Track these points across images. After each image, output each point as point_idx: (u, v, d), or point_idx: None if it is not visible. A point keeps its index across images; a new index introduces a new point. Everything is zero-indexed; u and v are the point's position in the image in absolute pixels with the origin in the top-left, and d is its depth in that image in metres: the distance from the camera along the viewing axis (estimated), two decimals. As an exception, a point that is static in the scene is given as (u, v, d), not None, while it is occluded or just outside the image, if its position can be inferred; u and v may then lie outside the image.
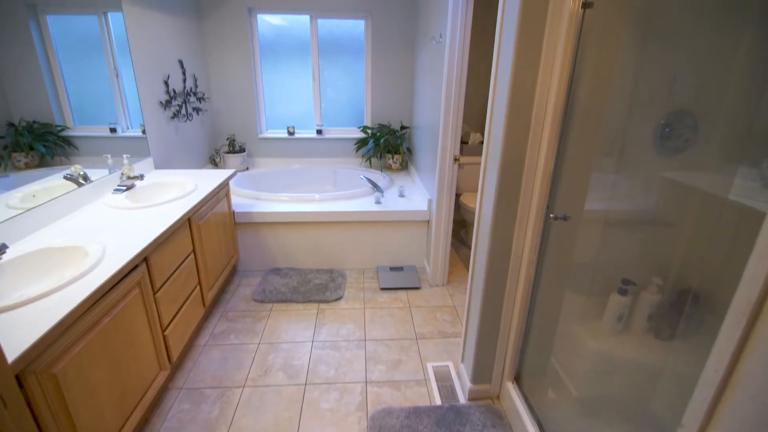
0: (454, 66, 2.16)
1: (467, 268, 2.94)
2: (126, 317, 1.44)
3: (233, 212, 2.66)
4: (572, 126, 1.35)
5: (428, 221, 2.78)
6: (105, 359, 1.32)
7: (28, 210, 1.59)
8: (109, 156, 2.14)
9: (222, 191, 2.43)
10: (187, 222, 1.94)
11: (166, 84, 2.75)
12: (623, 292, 1.29)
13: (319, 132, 3.72)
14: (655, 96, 1.21)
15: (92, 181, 1.97)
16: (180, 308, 1.87)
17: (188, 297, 1.96)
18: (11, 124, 1.58)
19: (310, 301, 2.51)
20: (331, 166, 3.75)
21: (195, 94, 3.19)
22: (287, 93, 3.67)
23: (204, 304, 2.17)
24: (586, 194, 1.43)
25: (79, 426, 1.20)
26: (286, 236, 2.79)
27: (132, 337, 1.48)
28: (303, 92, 3.65)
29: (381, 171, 3.62)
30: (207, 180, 2.36)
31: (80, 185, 1.89)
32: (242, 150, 3.63)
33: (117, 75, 2.25)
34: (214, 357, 2.04)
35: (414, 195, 3.02)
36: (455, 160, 2.37)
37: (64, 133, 1.85)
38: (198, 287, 2.08)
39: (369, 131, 3.66)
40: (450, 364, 2.01)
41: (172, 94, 2.84)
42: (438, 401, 1.79)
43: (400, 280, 2.73)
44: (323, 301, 2.51)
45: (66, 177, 1.83)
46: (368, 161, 3.73)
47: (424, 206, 2.76)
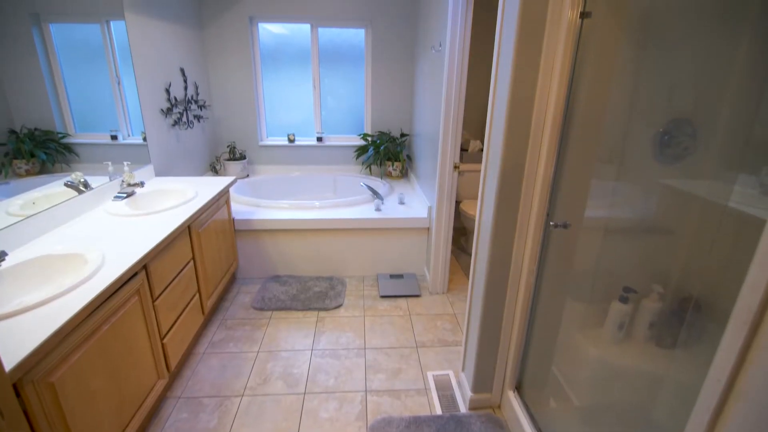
0: (454, 74, 2.18)
1: (467, 276, 2.94)
2: (125, 325, 1.43)
3: (233, 219, 2.66)
4: (572, 134, 1.35)
5: (428, 229, 2.78)
6: (103, 368, 1.31)
7: (28, 217, 1.59)
8: (110, 163, 2.14)
9: (222, 198, 2.43)
10: (187, 229, 1.94)
11: (168, 92, 2.77)
12: (624, 300, 1.29)
13: (320, 139, 3.73)
14: (654, 104, 1.22)
15: (93, 189, 1.97)
16: (179, 316, 1.86)
17: (187, 304, 1.95)
18: (12, 131, 1.58)
19: (310, 309, 2.49)
20: (331, 174, 3.76)
21: (196, 102, 3.21)
22: (288, 101, 3.69)
23: (203, 312, 2.16)
24: (586, 202, 1.43)
25: (76, 435, 1.18)
26: (286, 243, 2.78)
27: (130, 346, 1.47)
28: (303, 100, 3.67)
29: (381, 178, 3.62)
30: (207, 187, 2.37)
31: (81, 192, 1.89)
32: (242, 157, 3.64)
33: (119, 83, 2.26)
34: (213, 365, 2.03)
35: (414, 202, 3.02)
36: (455, 168, 2.37)
37: (65, 141, 1.86)
38: (197, 295, 2.07)
39: (369, 139, 3.67)
40: (450, 373, 2.00)
41: (174, 102, 2.85)
42: (438, 411, 1.77)
43: (400, 288, 2.72)
44: (323, 309, 2.50)
45: (66, 184, 1.84)
46: (368, 168, 3.74)
47: (424, 213, 2.76)
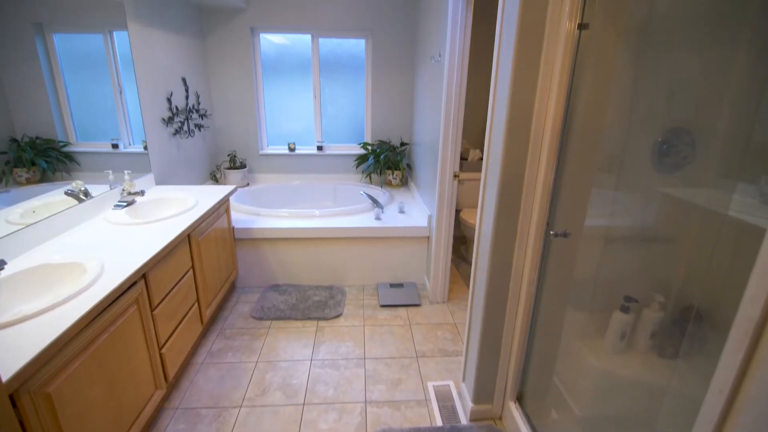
0: (453, 84, 2.20)
1: (468, 285, 2.92)
2: (123, 335, 1.42)
3: (233, 228, 2.66)
4: (571, 144, 1.36)
5: (428, 237, 2.78)
6: (100, 378, 1.30)
7: (28, 226, 1.59)
8: (111, 172, 2.15)
9: (222, 207, 2.43)
10: (187, 238, 1.94)
11: (169, 101, 2.79)
12: (625, 310, 1.28)
13: (320, 148, 3.75)
14: (652, 114, 1.23)
15: (93, 197, 1.97)
16: (178, 325, 1.85)
17: (186, 314, 1.94)
18: (14, 140, 1.59)
19: (309, 319, 2.48)
20: (332, 182, 3.77)
21: (197, 111, 3.23)
22: (288, 110, 3.71)
23: (202, 322, 2.15)
24: (586, 211, 1.44)
25: (72, 447, 1.17)
26: (286, 252, 2.78)
27: (128, 355, 1.46)
28: (304, 109, 3.69)
29: (381, 187, 3.63)
30: (207, 196, 2.37)
31: (81, 201, 1.90)
32: (243, 166, 3.65)
33: (120, 92, 2.28)
34: (211, 376, 2.01)
35: (414, 211, 3.02)
36: (455, 177, 2.38)
37: (66, 149, 1.86)
38: (196, 304, 2.06)
39: (369, 147, 3.69)
40: (451, 383, 1.98)
41: (175, 111, 2.87)
42: (439, 422, 1.75)
43: (400, 297, 2.71)
44: (322, 319, 2.48)
45: (67, 193, 1.84)
46: (368, 177, 3.75)
47: (424, 222, 2.76)
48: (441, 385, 1.97)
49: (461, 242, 3.54)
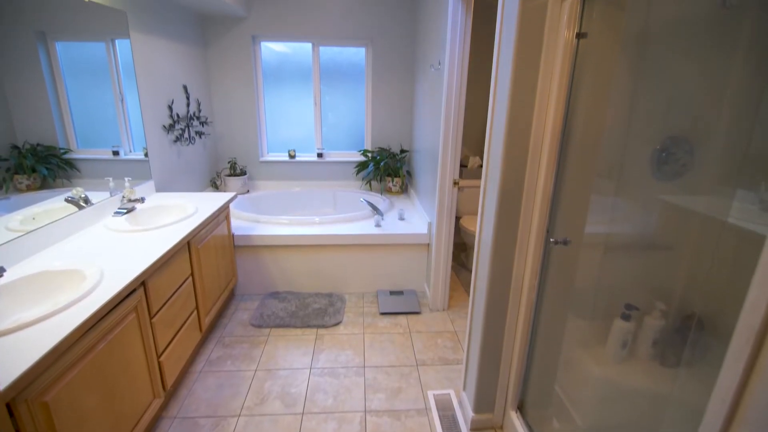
0: (453, 92, 2.21)
1: (468, 293, 2.91)
2: (121, 343, 1.41)
3: (233, 235, 2.66)
4: (570, 151, 1.36)
5: (428, 244, 2.77)
6: (98, 387, 1.29)
7: (28, 233, 1.59)
8: (111, 179, 2.15)
9: (222, 214, 2.43)
10: (187, 245, 1.94)
11: (170, 108, 2.80)
12: (626, 318, 1.27)
13: (320, 155, 3.76)
14: (651, 122, 1.23)
15: (93, 204, 1.98)
16: (176, 333, 1.84)
17: (185, 321, 1.93)
18: (15, 147, 1.60)
19: (309, 326, 2.47)
20: (332, 189, 3.77)
21: (198, 118, 3.24)
22: (289, 117, 3.73)
23: (201, 329, 2.14)
24: (586, 219, 1.43)
25: (68, 457, 1.16)
26: (286, 259, 2.77)
27: (126, 364, 1.45)
28: (304, 116, 3.71)
29: (381, 194, 3.63)
30: (207, 203, 2.37)
31: (81, 208, 1.90)
32: (243, 173, 3.66)
33: (122, 99, 2.29)
34: (210, 384, 1.99)
35: (414, 218, 3.02)
36: (455, 184, 2.38)
37: (67, 156, 1.87)
38: (195, 311, 2.05)
39: (369, 155, 3.70)
40: (451, 392, 1.96)
41: (176, 118, 2.88)
42: (439, 431, 1.74)
43: (400, 305, 2.70)
44: (322, 326, 2.47)
45: (67, 199, 1.84)
46: (368, 184, 3.75)
47: (424, 229, 2.76)
48: (441, 394, 1.95)
49: (461, 249, 3.53)
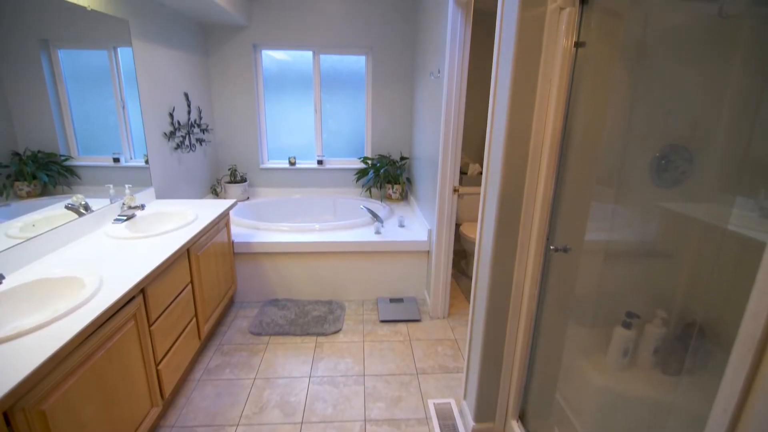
0: (453, 99, 2.22)
1: (468, 300, 2.90)
2: (120, 351, 1.41)
3: (233, 242, 2.65)
4: (570, 159, 1.37)
5: (428, 252, 2.77)
6: (96, 395, 1.28)
7: (28, 239, 1.59)
8: (111, 186, 2.15)
9: (222, 221, 2.43)
10: (186, 252, 1.93)
11: (171, 116, 2.82)
12: (627, 326, 1.27)
13: (320, 162, 3.77)
14: (650, 129, 1.24)
15: (93, 211, 1.98)
16: (175, 341, 1.83)
17: (184, 329, 1.92)
18: (16, 153, 1.60)
19: (308, 334, 2.46)
20: (332, 196, 3.78)
21: (199, 126, 3.26)
22: (289, 124, 3.75)
23: (200, 337, 2.12)
24: (586, 226, 1.43)
25: (65, 467, 1.14)
26: (285, 267, 2.77)
27: (124, 372, 1.44)
28: (305, 124, 3.72)
29: (381, 201, 3.64)
30: (207, 210, 2.37)
31: (81, 215, 1.90)
32: (243, 180, 3.67)
33: (123, 107, 2.30)
34: (208, 393, 1.98)
35: (414, 225, 3.02)
36: (455, 191, 2.38)
37: (68, 163, 1.87)
38: (194, 319, 2.04)
39: (369, 162, 3.71)
40: (452, 401, 1.95)
41: (177, 126, 2.89)
42: (439, 440, 1.72)
43: (400, 312, 2.69)
44: (321, 334, 2.46)
45: (67, 206, 1.84)
46: (368, 191, 3.76)
47: (424, 236, 2.76)
48: (442, 403, 1.93)
49: (461, 256, 3.52)
